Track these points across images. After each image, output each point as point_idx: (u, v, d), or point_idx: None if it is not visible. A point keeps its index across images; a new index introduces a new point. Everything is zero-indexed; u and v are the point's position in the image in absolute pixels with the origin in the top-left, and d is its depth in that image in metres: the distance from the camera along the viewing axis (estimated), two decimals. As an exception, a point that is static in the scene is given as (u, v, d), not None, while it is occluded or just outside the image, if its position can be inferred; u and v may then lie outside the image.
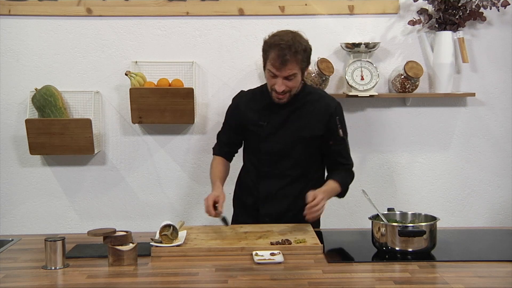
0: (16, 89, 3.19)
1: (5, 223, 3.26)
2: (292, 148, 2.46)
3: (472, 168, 3.32)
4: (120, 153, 3.26)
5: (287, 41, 2.30)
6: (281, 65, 2.30)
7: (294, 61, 2.30)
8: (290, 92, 2.39)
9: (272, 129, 2.47)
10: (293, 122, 2.46)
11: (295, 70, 2.32)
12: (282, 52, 2.28)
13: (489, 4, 3.12)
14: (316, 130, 2.46)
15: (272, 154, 2.48)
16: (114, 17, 3.17)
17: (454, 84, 3.22)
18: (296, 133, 2.45)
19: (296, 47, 2.30)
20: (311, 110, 2.46)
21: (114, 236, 1.99)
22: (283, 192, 2.49)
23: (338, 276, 1.84)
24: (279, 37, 2.34)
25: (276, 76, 2.34)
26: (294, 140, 2.45)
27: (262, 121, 2.47)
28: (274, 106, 2.46)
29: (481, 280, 1.80)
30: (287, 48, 2.28)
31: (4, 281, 1.83)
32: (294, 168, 2.48)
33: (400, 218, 2.20)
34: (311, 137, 2.46)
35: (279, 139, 2.46)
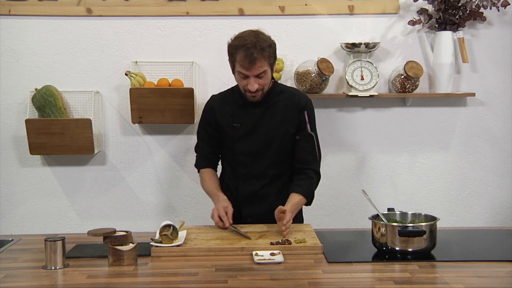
0: (16, 89, 3.19)
1: (5, 223, 3.26)
2: (267, 148, 2.46)
3: (472, 168, 3.32)
4: (120, 153, 3.26)
5: (251, 40, 2.32)
6: (250, 64, 2.31)
7: (262, 58, 2.32)
8: (263, 89, 2.40)
9: (245, 130, 2.47)
10: (266, 122, 2.46)
11: (264, 67, 2.34)
12: (249, 52, 2.30)
13: (489, 4, 3.12)
14: (289, 128, 2.46)
15: (248, 155, 2.48)
16: (114, 17, 3.17)
17: (454, 84, 3.22)
18: (270, 132, 2.46)
19: (261, 44, 2.32)
20: (283, 108, 2.47)
21: (114, 236, 1.99)
22: (263, 192, 2.49)
23: (338, 276, 1.84)
24: (243, 38, 2.36)
25: (247, 77, 2.35)
26: (268, 140, 2.46)
27: (235, 122, 2.47)
28: (246, 107, 2.47)
29: (481, 280, 1.80)
30: (252, 47, 2.30)
31: (4, 281, 1.83)
32: (271, 168, 2.48)
33: (400, 218, 2.19)
34: (284, 135, 2.46)
35: (254, 139, 2.46)
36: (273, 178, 2.49)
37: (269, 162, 2.48)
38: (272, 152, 2.47)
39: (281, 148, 2.47)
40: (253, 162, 2.48)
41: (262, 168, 2.48)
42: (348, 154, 3.29)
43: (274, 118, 2.46)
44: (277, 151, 2.47)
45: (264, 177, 2.48)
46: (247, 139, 2.47)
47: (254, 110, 2.47)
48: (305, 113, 2.46)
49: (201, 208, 3.30)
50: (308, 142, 2.47)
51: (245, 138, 2.47)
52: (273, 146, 2.46)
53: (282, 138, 2.46)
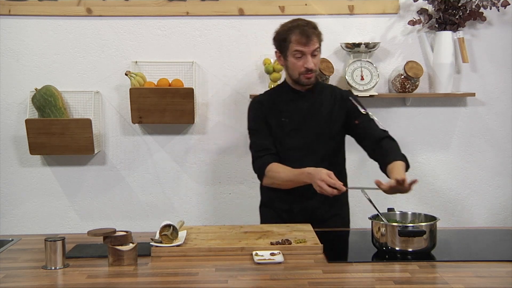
0: (16, 89, 3.19)
1: (5, 223, 3.26)
2: (317, 141, 2.47)
3: (472, 168, 3.32)
4: (120, 153, 3.26)
5: (302, 20, 2.43)
6: (307, 40, 2.38)
7: (316, 35, 2.41)
8: (316, 71, 2.45)
9: (294, 124, 2.47)
10: (314, 116, 2.48)
11: (317, 44, 2.42)
12: (304, 29, 2.38)
13: (489, 4, 3.12)
14: (337, 121, 2.49)
15: (298, 149, 2.46)
16: (114, 17, 3.17)
17: (454, 84, 3.22)
18: (319, 126, 2.47)
19: (312, 23, 2.42)
20: (329, 101, 2.51)
21: (114, 236, 1.99)
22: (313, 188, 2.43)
23: (338, 276, 1.84)
24: (293, 21, 2.44)
25: (304, 54, 2.39)
26: (318, 133, 2.47)
27: (284, 117, 2.48)
28: (294, 101, 2.49)
29: (481, 280, 1.80)
30: (306, 25, 2.40)
31: (4, 281, 1.82)
32: (322, 162, 2.43)
33: (400, 218, 2.19)
34: (333, 128, 2.48)
35: (303, 134, 2.47)
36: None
37: (320, 156, 2.47)
38: (322, 145, 2.47)
39: (330, 142, 2.49)
40: (303, 156, 2.46)
41: (313, 162, 2.42)
42: (348, 154, 3.27)
43: (321, 112, 2.49)
44: (327, 144, 2.48)
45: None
46: (297, 133, 2.47)
47: (302, 104, 2.49)
48: (350, 99, 2.51)
49: (201, 208, 3.30)
50: (369, 121, 2.47)
51: (295, 133, 2.47)
52: (323, 140, 2.48)
53: (331, 131, 2.48)
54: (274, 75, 3.12)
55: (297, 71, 2.43)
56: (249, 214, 3.28)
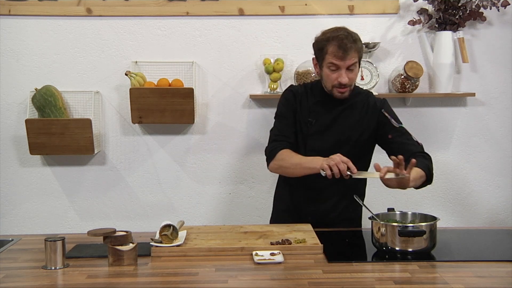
0: (16, 89, 3.19)
1: (5, 223, 3.26)
2: (339, 147, 2.38)
3: (472, 168, 3.32)
4: (120, 153, 3.26)
5: (344, 31, 2.33)
6: (344, 54, 2.29)
7: (354, 49, 2.31)
8: (351, 86, 2.38)
9: (320, 127, 2.43)
10: (342, 121, 2.43)
11: (355, 59, 2.33)
12: (343, 42, 2.29)
13: (489, 4, 3.12)
14: (365, 130, 2.43)
15: (318, 153, 2.39)
16: (114, 17, 3.17)
17: (454, 84, 3.22)
18: (344, 132, 2.42)
19: (353, 36, 2.33)
20: (361, 109, 2.44)
21: (114, 236, 1.99)
22: (328, 192, 2.45)
23: (338, 276, 1.84)
24: (334, 31, 2.34)
25: (339, 68, 2.32)
26: (341, 139, 2.42)
27: (311, 118, 2.44)
28: (324, 103, 2.44)
29: (481, 280, 1.80)
30: (346, 37, 2.30)
31: (4, 281, 1.82)
32: None
33: (400, 218, 2.19)
34: (359, 137, 2.43)
35: (326, 138, 2.43)
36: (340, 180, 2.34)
37: None
38: (343, 152, 2.34)
39: (352, 150, 2.41)
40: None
41: None
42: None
43: (351, 118, 2.43)
44: (348, 152, 2.36)
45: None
46: (320, 137, 2.43)
47: (332, 108, 2.43)
48: (383, 112, 2.43)
49: (201, 208, 3.30)
50: (403, 135, 2.41)
51: (318, 136, 2.43)
52: (345, 147, 2.40)
53: (356, 140, 2.43)
54: (274, 75, 3.12)
55: (331, 84, 2.37)
56: (249, 214, 3.29)
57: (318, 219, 2.43)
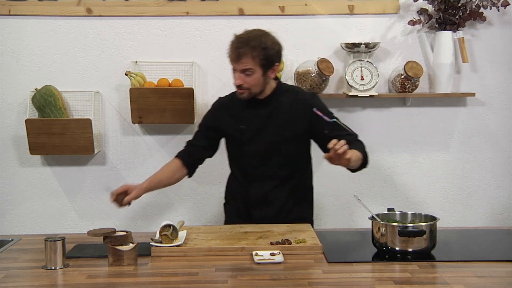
0: (16, 89, 3.19)
1: (5, 223, 3.26)
2: (275, 148, 2.44)
3: (472, 168, 3.32)
4: (120, 153, 3.26)
5: (248, 36, 2.34)
6: (236, 58, 2.33)
7: (249, 56, 2.31)
8: (250, 90, 2.38)
9: (252, 131, 2.46)
10: (273, 122, 2.45)
11: (250, 65, 2.32)
12: (238, 45, 2.32)
13: (489, 4, 3.12)
14: (297, 128, 2.45)
15: (256, 156, 2.47)
16: (114, 17, 3.17)
17: (454, 84, 3.22)
18: (277, 132, 2.44)
19: (255, 43, 2.31)
20: (289, 107, 2.45)
21: (114, 236, 1.99)
22: (273, 194, 2.48)
23: (338, 276, 1.84)
24: (243, 33, 2.38)
25: (235, 70, 2.37)
26: (276, 140, 2.45)
27: (242, 124, 2.47)
28: (251, 108, 2.46)
29: (481, 280, 1.80)
30: (243, 42, 2.32)
31: (4, 281, 1.83)
32: (281, 169, 2.47)
33: (400, 218, 2.19)
34: (293, 135, 2.45)
35: (261, 140, 2.45)
36: (284, 179, 2.48)
37: (278, 163, 2.47)
38: (281, 152, 2.45)
39: (289, 148, 2.46)
40: (262, 163, 2.47)
41: (272, 169, 2.47)
42: (348, 154, 3.29)
43: (280, 118, 2.45)
44: (286, 151, 2.45)
45: (274, 178, 2.47)
46: (255, 140, 2.46)
47: (259, 111, 2.46)
48: (315, 110, 2.37)
49: (201, 208, 3.30)
50: (336, 128, 2.36)
51: (253, 140, 2.46)
52: (282, 147, 2.45)
53: (290, 138, 2.45)
54: (274, 75, 3.11)
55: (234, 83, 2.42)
56: (249, 214, 3.28)
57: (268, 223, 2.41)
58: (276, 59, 2.40)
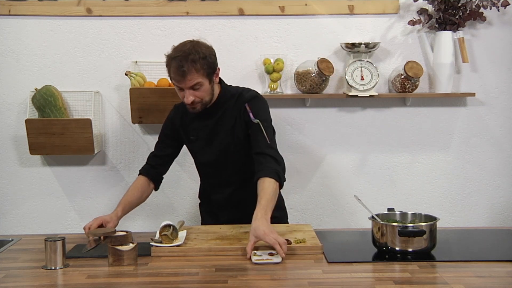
0: (16, 89, 3.19)
1: (5, 223, 3.26)
2: (225, 156, 2.43)
3: (472, 168, 3.32)
4: (120, 153, 3.26)
5: (184, 51, 2.25)
6: (181, 77, 2.24)
7: (193, 71, 2.24)
8: (202, 101, 2.33)
9: (202, 142, 2.46)
10: (219, 131, 2.42)
11: (197, 79, 2.26)
12: (179, 64, 2.23)
13: (489, 4, 3.12)
14: (239, 132, 2.39)
15: (209, 165, 2.49)
16: (114, 17, 3.17)
17: (454, 84, 3.22)
18: (224, 141, 2.41)
19: (193, 56, 2.24)
20: (232, 113, 2.40)
21: (114, 236, 1.99)
22: (235, 197, 2.48)
23: (338, 276, 1.84)
24: (177, 49, 2.28)
25: (182, 89, 2.29)
26: (224, 148, 2.42)
27: (192, 135, 2.47)
28: (199, 119, 2.43)
29: (481, 280, 1.80)
30: (183, 59, 2.23)
31: (4, 281, 1.83)
32: (235, 175, 2.46)
33: (400, 218, 2.19)
34: (237, 141, 2.40)
35: (211, 150, 2.45)
36: (241, 184, 2.46)
37: (231, 170, 2.46)
38: (231, 160, 2.43)
39: (238, 154, 2.42)
40: (215, 172, 2.49)
41: (226, 176, 2.48)
42: (348, 154, 3.29)
43: (225, 126, 2.41)
44: (236, 157, 2.42)
45: (230, 184, 2.48)
46: (205, 150, 2.47)
47: (206, 121, 2.43)
48: (246, 105, 2.36)
49: (201, 208, 3.30)
50: (256, 130, 2.33)
51: (203, 150, 2.47)
52: (230, 154, 2.42)
53: (236, 144, 2.41)
54: (274, 75, 3.12)
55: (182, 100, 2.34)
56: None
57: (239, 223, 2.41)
58: (216, 62, 2.35)
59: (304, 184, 3.29)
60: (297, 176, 3.26)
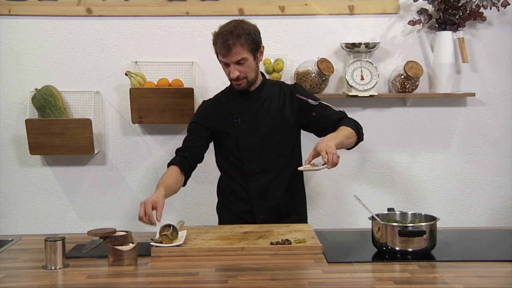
0: (16, 89, 3.19)
1: (5, 223, 3.26)
2: (271, 139, 2.49)
3: (472, 168, 3.32)
4: (120, 153, 3.26)
5: (229, 28, 2.36)
6: (227, 52, 2.34)
7: (238, 45, 2.34)
8: (247, 78, 2.42)
9: (246, 124, 2.49)
10: (265, 114, 2.49)
11: (242, 55, 2.36)
12: (225, 38, 2.34)
13: (489, 4, 3.12)
14: (288, 117, 2.50)
15: (253, 149, 2.49)
16: (114, 17, 3.17)
17: (454, 84, 3.22)
18: (271, 123, 2.49)
19: (238, 31, 2.34)
20: (278, 98, 2.52)
21: (114, 236, 1.99)
22: (272, 186, 2.51)
23: (338, 276, 1.84)
24: (223, 27, 2.40)
25: (228, 64, 2.39)
26: (270, 131, 2.49)
27: (235, 118, 2.50)
28: (244, 102, 2.50)
29: (481, 280, 1.80)
30: (229, 34, 2.34)
31: (4, 281, 1.83)
32: (278, 159, 2.50)
33: (400, 218, 2.19)
34: (286, 125, 2.50)
35: (256, 133, 2.49)
36: (281, 170, 2.51)
37: (275, 153, 2.50)
38: (276, 142, 2.49)
39: (284, 138, 2.50)
40: (259, 155, 2.49)
41: (269, 160, 2.49)
42: (348, 154, 3.28)
43: (272, 109, 2.50)
44: (281, 141, 2.50)
45: (272, 169, 2.50)
46: (250, 133, 2.49)
47: (252, 104, 2.50)
48: (298, 96, 2.51)
49: (201, 208, 3.30)
50: (324, 109, 2.48)
51: (248, 133, 2.49)
52: (277, 137, 2.49)
53: (284, 128, 2.50)
54: (274, 75, 3.12)
55: (228, 77, 2.45)
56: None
57: (269, 216, 2.48)
58: (260, 40, 2.45)
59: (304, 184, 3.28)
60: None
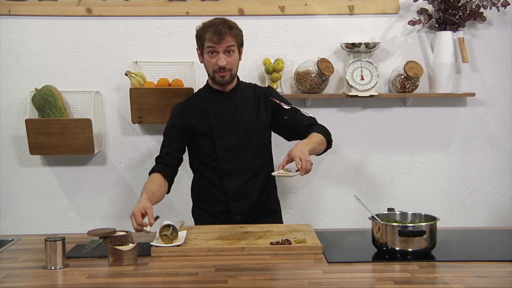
0: (16, 89, 3.19)
1: (5, 223, 3.26)
2: (247, 140, 2.52)
3: (472, 168, 3.32)
4: (120, 153, 3.26)
5: (219, 20, 2.46)
6: (220, 38, 2.41)
7: (230, 35, 2.43)
8: (231, 71, 2.48)
9: (223, 125, 2.51)
10: (241, 114, 2.53)
11: (232, 42, 2.44)
12: (218, 27, 2.42)
13: (489, 4, 3.12)
14: (264, 118, 2.56)
15: (229, 149, 2.52)
16: (114, 17, 3.17)
17: (454, 84, 3.22)
18: (247, 124, 2.52)
19: (230, 24, 2.46)
20: (253, 99, 2.57)
21: (114, 236, 1.99)
22: (248, 187, 2.53)
23: (338, 276, 1.84)
24: (211, 20, 2.48)
25: (217, 52, 2.44)
26: (247, 132, 2.52)
27: (211, 119, 2.52)
28: (220, 103, 2.53)
29: (481, 280, 1.80)
30: (221, 24, 2.43)
31: (4, 281, 1.83)
32: (254, 160, 2.54)
33: (400, 218, 2.19)
34: (261, 126, 2.54)
35: (233, 133, 2.51)
36: (256, 171, 2.55)
37: (252, 154, 2.54)
38: (253, 143, 2.53)
39: (260, 139, 2.56)
40: (235, 156, 2.52)
41: (245, 161, 2.53)
42: (348, 154, 3.29)
43: (248, 110, 2.54)
44: (257, 141, 2.55)
45: (248, 170, 2.53)
46: (226, 134, 2.51)
47: (228, 104, 2.53)
48: (272, 99, 2.58)
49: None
50: (296, 114, 2.56)
51: (224, 133, 2.51)
52: (253, 138, 2.53)
53: (259, 129, 2.54)
54: (274, 75, 3.12)
55: (211, 68, 2.49)
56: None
57: (246, 217, 2.50)
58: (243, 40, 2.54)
59: (304, 184, 3.29)
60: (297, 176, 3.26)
